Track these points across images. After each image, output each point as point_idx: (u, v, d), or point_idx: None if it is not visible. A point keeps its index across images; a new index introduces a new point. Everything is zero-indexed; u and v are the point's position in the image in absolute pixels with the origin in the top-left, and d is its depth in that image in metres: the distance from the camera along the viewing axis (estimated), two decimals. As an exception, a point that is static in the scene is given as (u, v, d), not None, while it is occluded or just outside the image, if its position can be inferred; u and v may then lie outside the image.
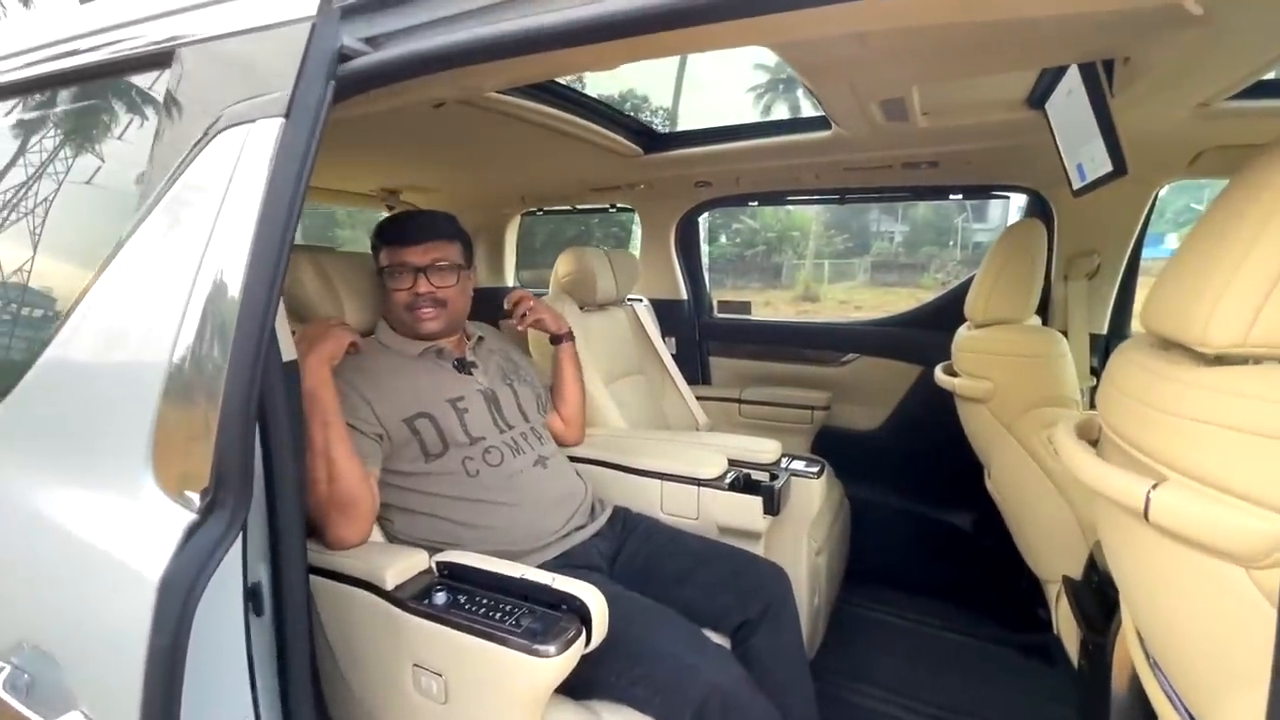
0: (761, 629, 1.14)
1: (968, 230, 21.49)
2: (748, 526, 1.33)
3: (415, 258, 1.18)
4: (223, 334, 0.55)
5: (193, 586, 0.52)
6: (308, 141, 0.53)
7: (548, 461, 1.23)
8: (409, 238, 1.19)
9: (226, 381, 0.53)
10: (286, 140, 0.53)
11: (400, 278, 1.18)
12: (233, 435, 0.54)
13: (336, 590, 0.98)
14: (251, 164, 0.54)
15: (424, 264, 1.19)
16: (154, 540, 0.55)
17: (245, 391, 0.54)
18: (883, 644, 1.79)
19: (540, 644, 0.80)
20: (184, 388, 0.57)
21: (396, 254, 1.18)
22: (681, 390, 2.15)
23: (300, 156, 0.53)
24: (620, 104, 10.92)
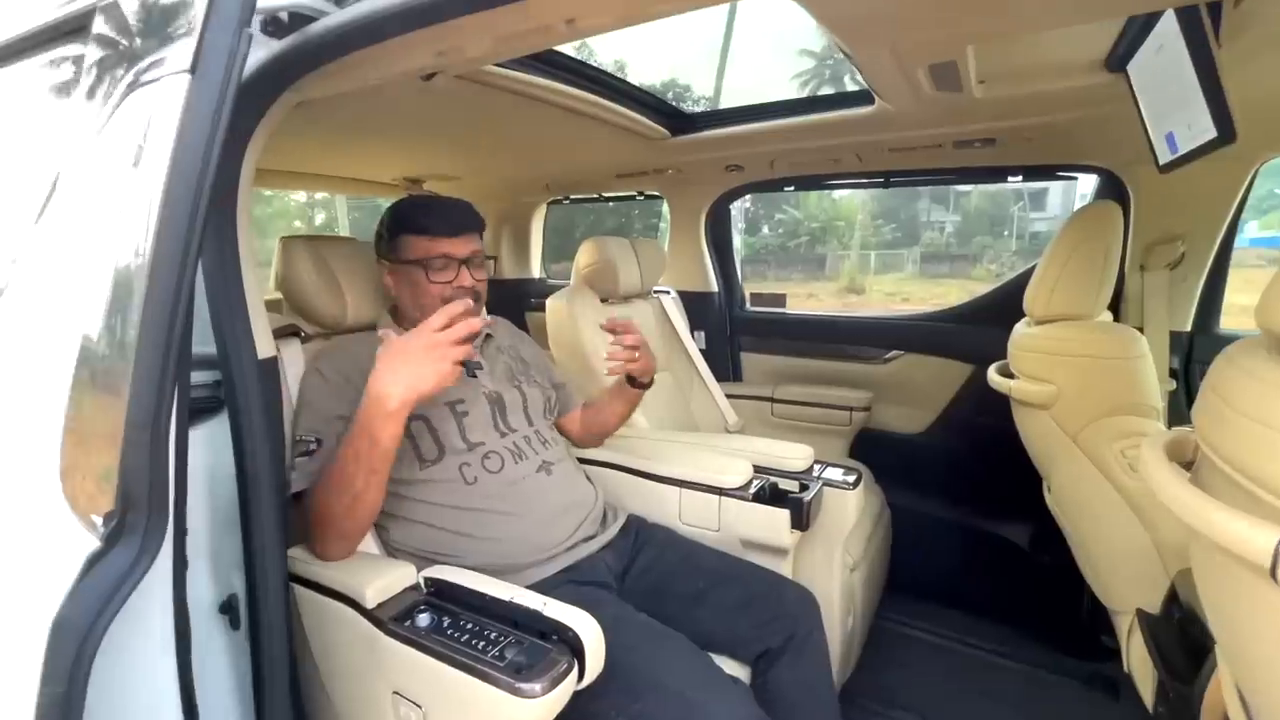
0: (784, 659, 1.03)
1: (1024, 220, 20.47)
2: (773, 542, 1.21)
3: (457, 250, 1.11)
4: (128, 329, 0.47)
5: (90, 629, 0.44)
6: (218, 99, 0.45)
7: (553, 467, 1.14)
8: (450, 228, 1.11)
9: (131, 384, 0.45)
10: (193, 98, 0.45)
11: (442, 270, 1.10)
12: (139, 449, 0.46)
13: (320, 603, 0.91)
14: (158, 130, 0.46)
15: (465, 256, 1.12)
16: (56, 572, 0.48)
17: (153, 396, 0.46)
18: (922, 666, 1.65)
19: (524, 681, 0.71)
20: (89, 391, 0.49)
21: (436, 245, 1.10)
22: (710, 388, 2.03)
23: (209, 116, 0.45)
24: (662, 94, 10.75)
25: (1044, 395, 1.21)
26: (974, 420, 1.87)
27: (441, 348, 0.85)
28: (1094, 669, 1.62)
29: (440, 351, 0.85)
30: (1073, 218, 1.25)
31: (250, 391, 0.83)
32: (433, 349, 0.85)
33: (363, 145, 1.88)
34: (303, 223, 13.25)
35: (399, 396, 0.83)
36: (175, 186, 0.44)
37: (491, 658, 0.74)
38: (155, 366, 0.45)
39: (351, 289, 1.21)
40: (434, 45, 0.71)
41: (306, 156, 1.98)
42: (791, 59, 22.87)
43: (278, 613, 0.85)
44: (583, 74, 1.42)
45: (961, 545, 1.87)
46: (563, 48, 1.34)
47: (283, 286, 1.17)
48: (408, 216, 1.12)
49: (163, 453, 0.48)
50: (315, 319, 1.19)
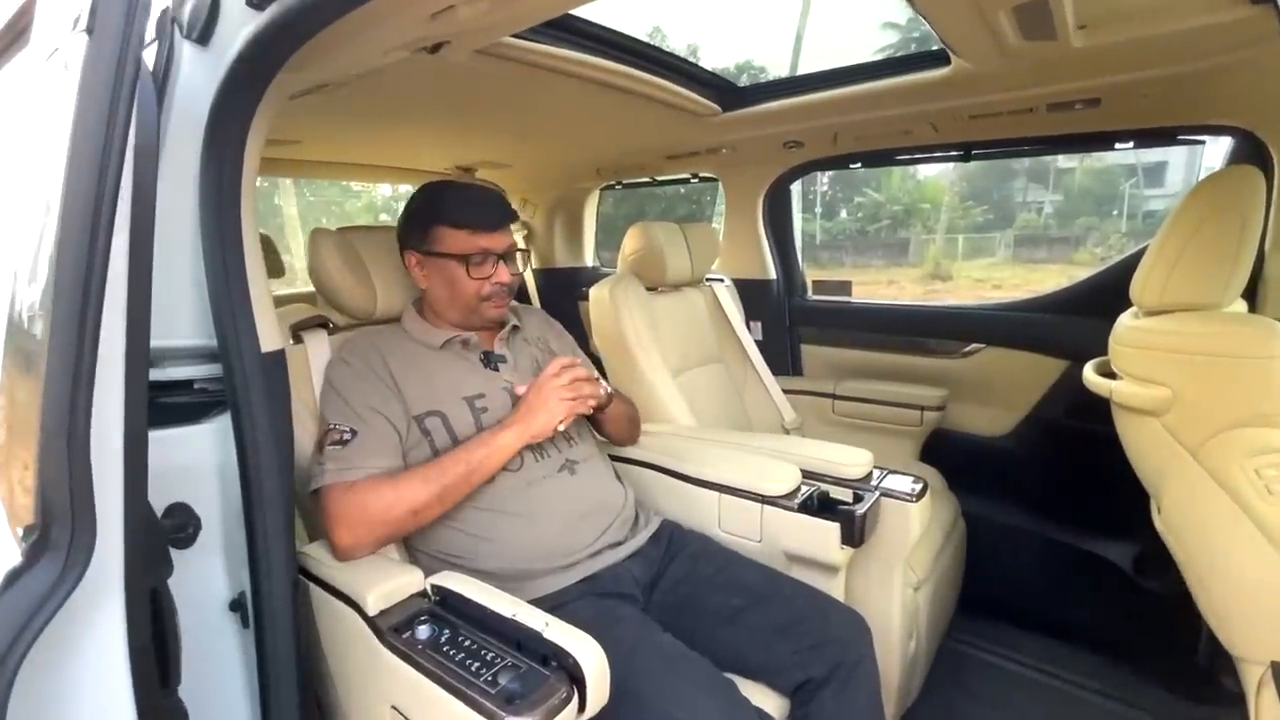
0: (827, 691, 0.91)
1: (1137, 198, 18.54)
2: (821, 557, 1.09)
3: (496, 244, 1.07)
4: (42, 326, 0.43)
5: (5, 654, 0.40)
6: (117, 61, 0.39)
7: (577, 467, 1.07)
8: (489, 221, 1.07)
9: (44, 384, 0.41)
10: (90, 61, 0.39)
11: (481, 265, 1.06)
12: (56, 459, 0.42)
13: (330, 604, 0.88)
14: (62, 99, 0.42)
15: (503, 251, 1.08)
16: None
17: (64, 400, 0.42)
18: (996, 695, 1.47)
19: (514, 714, 0.64)
20: (17, 382, 0.46)
21: (476, 240, 1.06)
22: (765, 382, 1.90)
23: (108, 84, 0.39)
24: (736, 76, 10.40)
25: (1154, 400, 1.02)
26: (1067, 423, 1.65)
27: (559, 391, 1.02)
28: (1207, 714, 1.39)
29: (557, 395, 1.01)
30: (1200, 186, 1.04)
31: (253, 386, 0.80)
32: (551, 394, 1.01)
33: (412, 134, 1.87)
34: (390, 215, 13.89)
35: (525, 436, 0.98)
36: (77, 168, 0.40)
37: (484, 682, 0.68)
38: (65, 367, 0.41)
39: (381, 279, 1.18)
40: (424, 7, 0.64)
41: (357, 146, 1.99)
42: (873, 34, 21.69)
43: (283, 612, 0.83)
44: (623, 47, 1.33)
45: (1049, 562, 1.66)
46: (601, 19, 1.26)
47: (313, 278, 1.15)
48: (444, 207, 1.07)
49: (83, 463, 0.43)
50: (345, 310, 1.17)
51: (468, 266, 1.05)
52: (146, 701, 0.56)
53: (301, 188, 14.89)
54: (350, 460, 0.92)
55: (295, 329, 1.09)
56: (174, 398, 0.88)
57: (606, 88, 1.36)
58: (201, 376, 0.88)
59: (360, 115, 1.60)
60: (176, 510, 0.83)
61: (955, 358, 1.84)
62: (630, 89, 1.39)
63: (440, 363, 1.07)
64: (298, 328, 1.10)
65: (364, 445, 0.94)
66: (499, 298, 1.09)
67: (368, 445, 0.94)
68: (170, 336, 0.83)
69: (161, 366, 0.86)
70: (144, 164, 0.54)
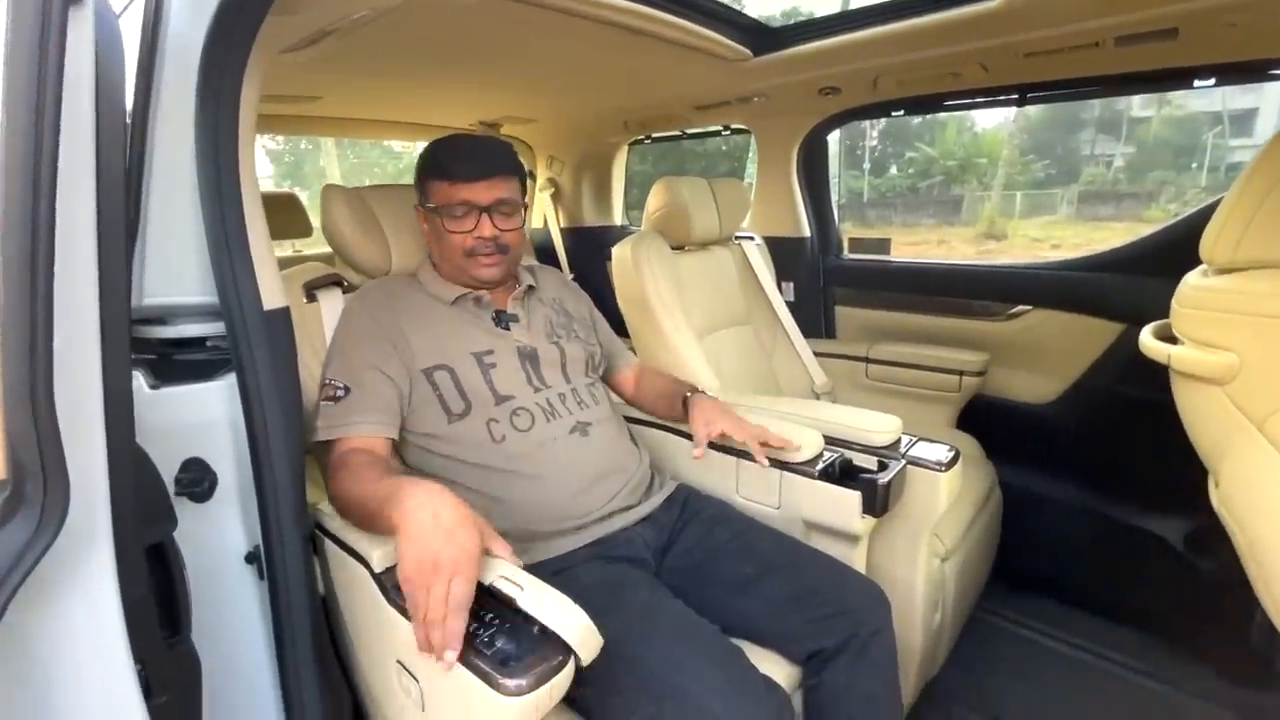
0: (840, 662, 0.89)
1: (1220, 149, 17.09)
2: (841, 526, 1.05)
3: (478, 196, 1.02)
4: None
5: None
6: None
7: (590, 428, 1.05)
8: (471, 172, 1.02)
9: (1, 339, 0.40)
10: None
11: (461, 219, 1.03)
12: (21, 417, 0.41)
13: (343, 560, 0.89)
14: (0, 37, 0.39)
15: (487, 204, 1.03)
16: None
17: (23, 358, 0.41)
18: (1029, 670, 1.42)
19: (508, 676, 0.63)
20: None
21: (456, 190, 1.02)
22: (796, 345, 1.84)
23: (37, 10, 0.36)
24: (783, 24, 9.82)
25: (1218, 367, 0.93)
26: (1118, 391, 1.54)
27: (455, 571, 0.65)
28: (1261, 701, 1.32)
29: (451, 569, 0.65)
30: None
31: (255, 344, 0.80)
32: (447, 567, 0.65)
33: (433, 88, 1.83)
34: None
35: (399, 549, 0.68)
36: (12, 99, 0.38)
37: (479, 643, 0.67)
38: (20, 323, 0.40)
39: (396, 237, 1.16)
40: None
41: (378, 102, 1.97)
42: (932, -26, 20.27)
43: (296, 567, 0.84)
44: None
45: (1092, 536, 1.58)
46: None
47: (326, 234, 1.15)
48: (435, 159, 1.05)
49: (49, 418, 0.43)
50: (359, 266, 1.16)
51: (445, 219, 1.03)
52: (148, 648, 0.57)
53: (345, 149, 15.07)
54: (338, 418, 0.92)
55: (309, 287, 1.09)
56: (187, 355, 0.89)
57: (628, 31, 1.29)
58: (212, 334, 0.88)
59: (379, 69, 1.56)
60: (192, 465, 0.85)
61: (999, 320, 1.74)
62: (653, 31, 1.31)
63: (452, 318, 1.06)
64: (312, 286, 1.10)
65: (354, 404, 0.94)
66: (485, 254, 1.04)
67: (358, 404, 0.94)
68: (178, 293, 0.83)
69: (172, 323, 0.86)
70: (110, 109, 0.52)
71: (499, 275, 1.08)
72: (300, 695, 0.84)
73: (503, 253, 1.06)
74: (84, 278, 0.48)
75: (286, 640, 0.84)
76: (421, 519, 0.67)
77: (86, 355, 0.49)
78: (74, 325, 0.46)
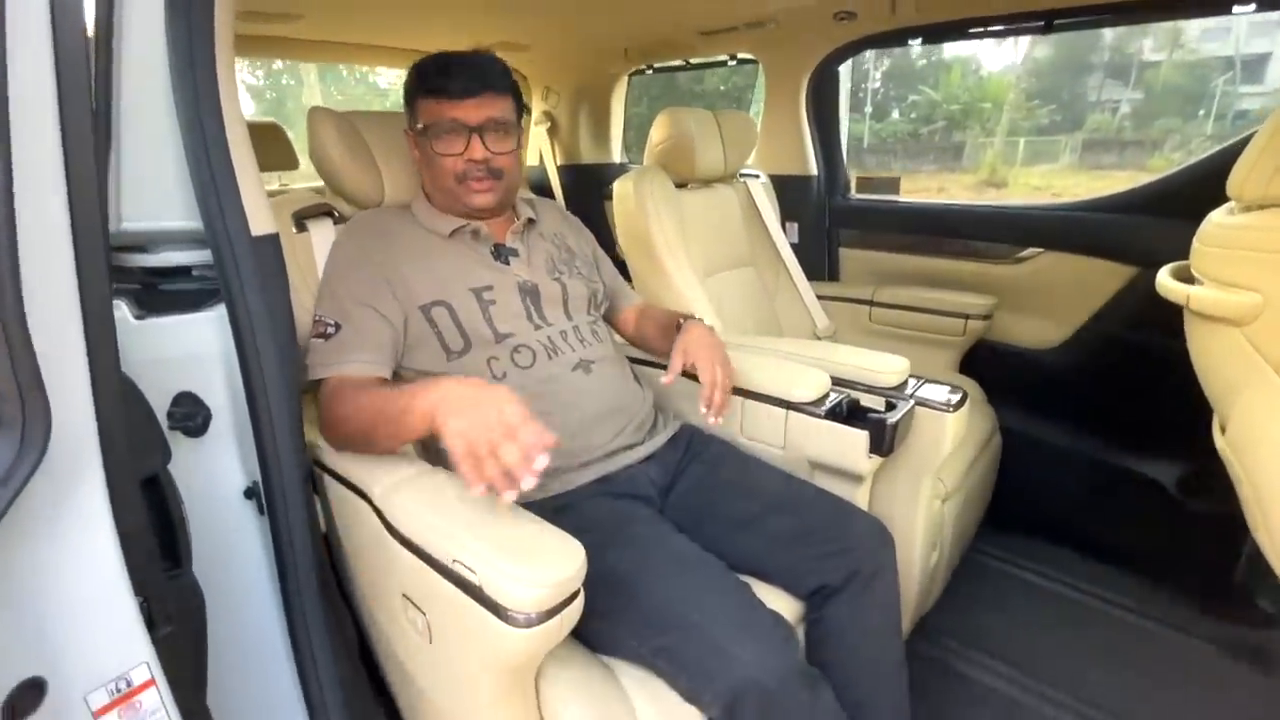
0: (842, 597, 0.90)
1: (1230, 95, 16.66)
2: (847, 466, 1.05)
3: (467, 115, 0.95)
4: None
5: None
6: None
7: (593, 366, 1.02)
8: (460, 88, 0.95)
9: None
10: None
11: (448, 140, 0.97)
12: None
13: (342, 494, 0.88)
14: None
15: (478, 123, 0.96)
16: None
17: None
18: (1020, 609, 1.46)
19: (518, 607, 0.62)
20: None
21: (443, 109, 0.96)
22: (799, 287, 1.80)
23: None
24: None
25: (1239, 307, 0.90)
26: (1123, 336, 1.53)
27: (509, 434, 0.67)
28: (1242, 635, 1.36)
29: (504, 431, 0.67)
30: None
31: (244, 271, 0.76)
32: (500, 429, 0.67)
33: (424, 8, 1.72)
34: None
35: (447, 428, 0.70)
36: None
37: (487, 576, 0.66)
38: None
39: (388, 165, 1.10)
40: None
41: (364, 24, 1.85)
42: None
43: (296, 502, 0.83)
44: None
45: (1086, 479, 1.60)
46: None
47: (313, 160, 1.08)
48: (420, 74, 0.97)
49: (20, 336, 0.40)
50: (351, 198, 1.11)
51: (433, 140, 0.97)
52: (149, 582, 0.56)
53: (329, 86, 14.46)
54: (328, 356, 0.90)
55: (299, 217, 1.04)
56: (174, 284, 0.85)
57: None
58: (199, 262, 0.84)
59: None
60: (184, 399, 0.82)
61: (1007, 263, 1.70)
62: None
63: (448, 252, 1.01)
64: (301, 215, 1.04)
65: (346, 341, 0.90)
66: (477, 179, 0.98)
67: (349, 341, 0.90)
68: (161, 219, 0.78)
69: (156, 251, 0.82)
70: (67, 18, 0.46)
71: (492, 202, 1.02)
72: (306, 629, 0.84)
73: (496, 178, 1.00)
74: (51, 197, 0.44)
75: (290, 575, 0.84)
76: (460, 389, 0.73)
77: (62, 277, 0.45)
78: (46, 246, 0.42)
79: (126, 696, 0.51)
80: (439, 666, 0.77)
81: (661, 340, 1.17)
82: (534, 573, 0.62)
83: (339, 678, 0.86)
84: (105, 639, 0.51)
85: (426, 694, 0.83)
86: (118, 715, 0.51)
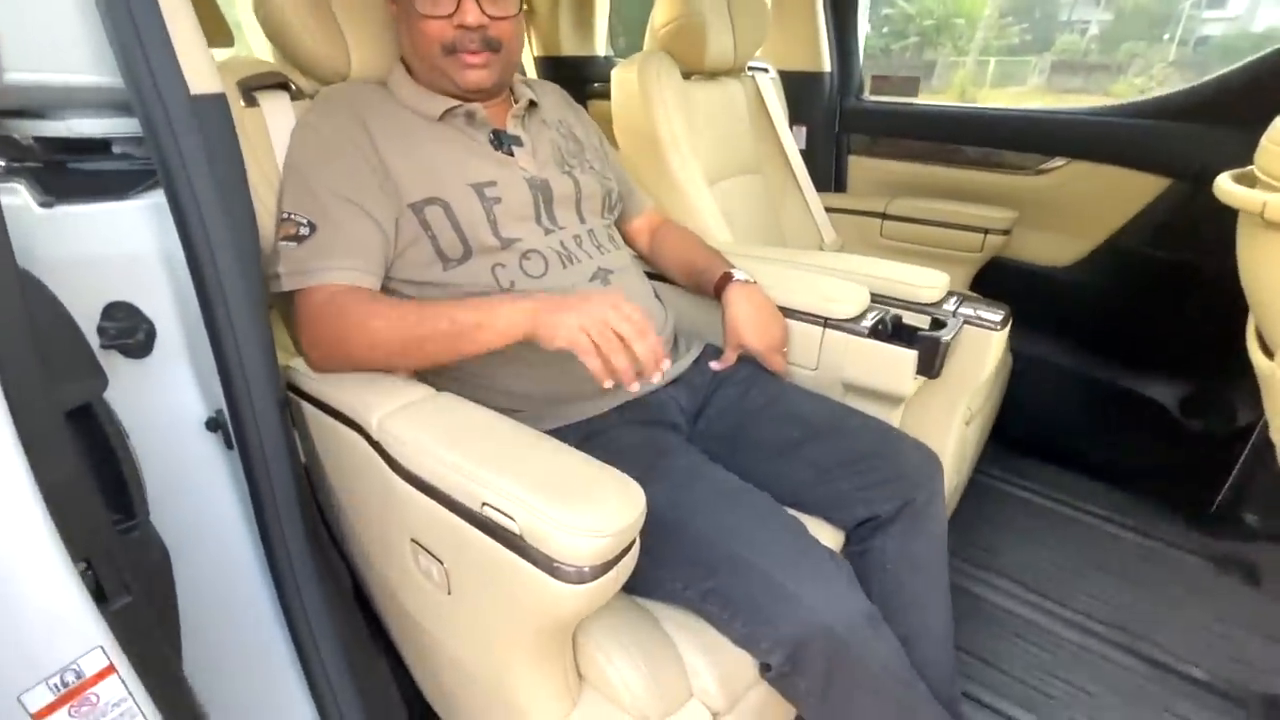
0: (893, 529, 0.83)
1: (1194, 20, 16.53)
2: (888, 388, 0.96)
3: None
4: None
5: None
6: None
7: (611, 276, 0.89)
8: None
9: None
10: None
11: (436, 1, 0.78)
12: None
13: (327, 425, 0.75)
14: None
15: None
16: None
17: None
18: (1025, 529, 1.46)
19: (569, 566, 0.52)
20: None
21: None
22: (807, 197, 1.67)
23: None
24: None
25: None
26: (1144, 253, 1.46)
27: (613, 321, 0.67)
28: (1230, 549, 1.39)
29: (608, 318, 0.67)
30: None
31: (185, 144, 0.58)
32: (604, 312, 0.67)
33: None
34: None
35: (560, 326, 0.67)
36: None
37: (525, 522, 0.55)
38: None
39: (357, 31, 0.90)
40: None
41: None
42: None
43: (272, 434, 0.69)
44: None
45: (1091, 401, 1.58)
46: None
47: (259, 15, 0.87)
48: None
49: None
50: (307, 67, 0.90)
51: (416, 1, 0.79)
52: (91, 542, 0.42)
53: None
54: (305, 263, 0.74)
55: (246, 87, 0.84)
56: (90, 163, 0.66)
57: None
58: (121, 134, 0.65)
59: None
60: (118, 311, 0.65)
61: (1028, 175, 1.60)
62: None
63: (439, 139, 0.84)
64: (250, 86, 0.84)
65: (326, 244, 0.74)
66: (470, 51, 0.81)
67: (331, 244, 0.74)
68: (61, 69, 0.59)
69: (59, 117, 0.62)
70: None
71: (489, 81, 0.84)
72: (294, 578, 0.73)
73: (493, 50, 0.82)
74: None
75: (270, 519, 0.71)
76: (549, 299, 0.69)
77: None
78: None
79: (77, 691, 0.39)
80: (459, 619, 0.67)
81: (689, 282, 1.05)
82: (589, 519, 0.51)
83: (335, 634, 0.75)
84: (39, 623, 0.38)
85: (442, 645, 0.74)
86: (67, 715, 0.39)
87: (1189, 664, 1.14)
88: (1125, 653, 1.16)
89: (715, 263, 1.01)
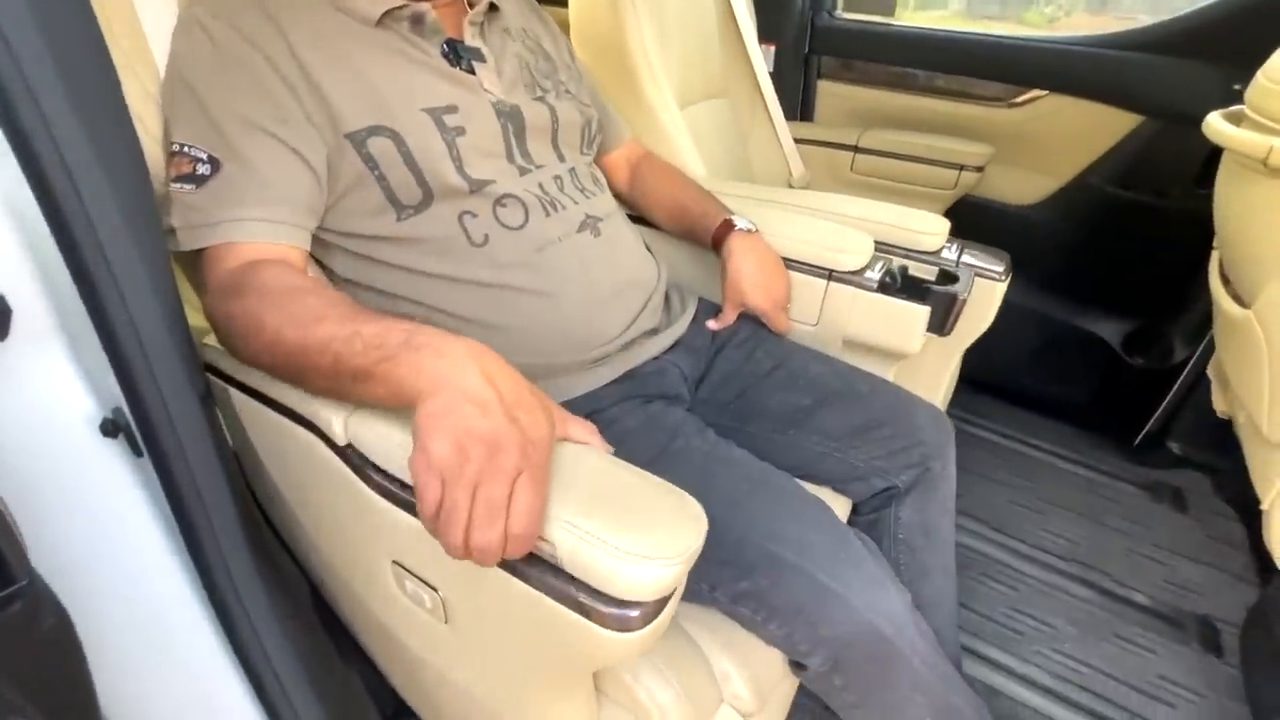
0: (908, 501, 0.79)
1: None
2: (894, 345, 0.90)
3: None
4: None
5: None
6: None
7: (600, 225, 0.75)
8: None
9: None
10: None
11: None
12: None
13: (273, 423, 0.59)
14: None
15: None
16: None
17: None
18: (982, 467, 1.50)
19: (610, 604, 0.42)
20: None
21: None
22: (776, 126, 1.54)
23: None
24: None
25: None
26: (1107, 192, 1.46)
27: None
28: (1158, 478, 1.49)
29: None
30: None
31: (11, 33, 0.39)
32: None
33: None
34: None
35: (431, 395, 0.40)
36: None
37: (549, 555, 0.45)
38: None
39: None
40: None
41: None
42: None
43: (193, 436, 0.54)
44: None
45: (1045, 339, 1.62)
46: None
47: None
48: None
49: None
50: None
51: None
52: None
53: None
54: (208, 213, 0.56)
55: (101, -38, 0.61)
56: None
57: None
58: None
59: None
60: (-56, 284, 0.47)
61: (1002, 107, 1.54)
62: None
63: (379, 52, 0.65)
64: (106, -39, 0.61)
65: (232, 186, 0.56)
66: None
67: (238, 187, 0.56)
68: None
69: None
70: None
71: None
72: (240, 604, 0.59)
73: None
74: None
75: (203, 536, 0.57)
76: (468, 383, 0.39)
77: None
78: None
79: None
80: (459, 650, 0.57)
81: (678, 227, 0.93)
82: (650, 544, 0.41)
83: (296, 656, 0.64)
84: None
85: (433, 666, 0.63)
86: None
87: (1133, 590, 1.22)
88: (1080, 584, 1.23)
89: (711, 207, 0.88)
